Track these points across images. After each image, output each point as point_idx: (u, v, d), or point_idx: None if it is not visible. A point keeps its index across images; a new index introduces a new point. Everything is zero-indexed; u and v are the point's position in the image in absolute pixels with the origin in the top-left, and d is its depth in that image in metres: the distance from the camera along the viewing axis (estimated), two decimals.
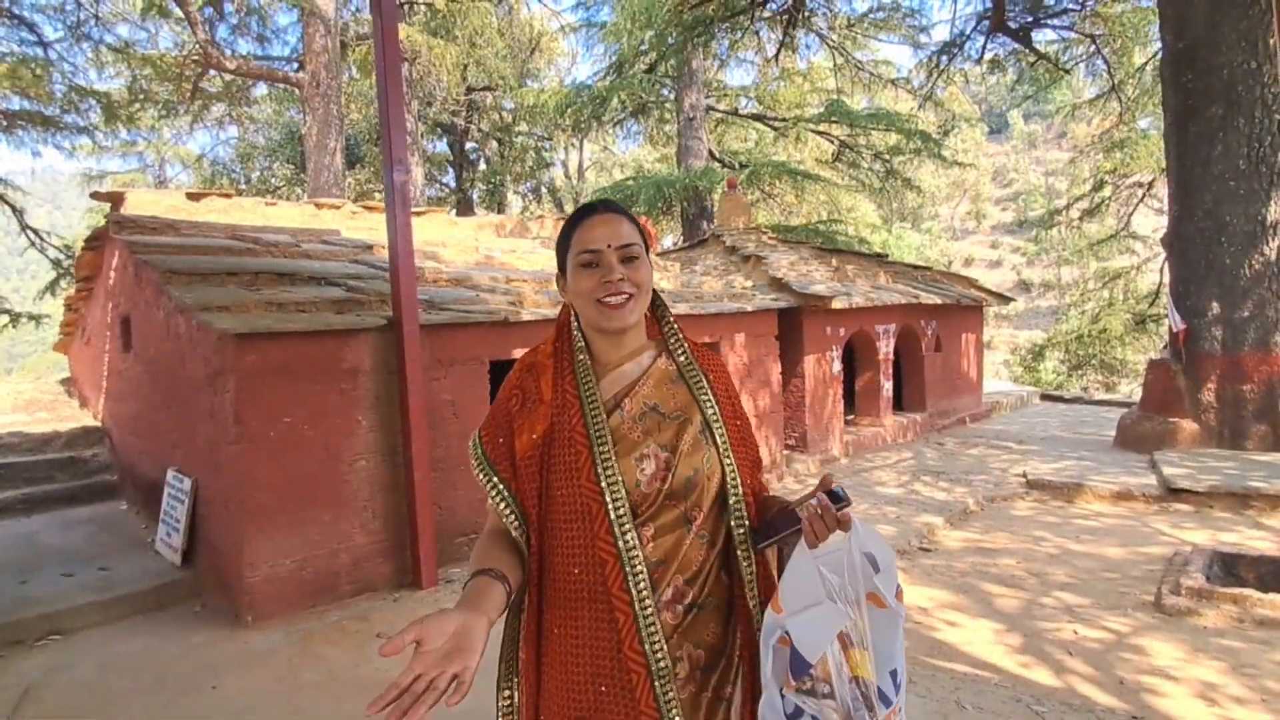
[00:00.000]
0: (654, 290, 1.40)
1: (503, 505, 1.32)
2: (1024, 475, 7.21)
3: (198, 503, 4.74)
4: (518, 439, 1.32)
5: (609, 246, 1.30)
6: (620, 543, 1.23)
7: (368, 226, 7.86)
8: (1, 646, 3.91)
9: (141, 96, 14.95)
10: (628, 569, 1.22)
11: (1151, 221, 21.40)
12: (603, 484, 1.24)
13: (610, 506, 1.24)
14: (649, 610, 1.21)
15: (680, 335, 1.45)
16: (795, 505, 1.24)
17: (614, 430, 1.29)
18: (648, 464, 1.28)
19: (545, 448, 1.30)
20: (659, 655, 1.21)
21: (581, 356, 1.35)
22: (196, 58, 13.81)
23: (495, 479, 1.34)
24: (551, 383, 1.33)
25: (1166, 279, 9.40)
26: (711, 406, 1.36)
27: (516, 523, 1.32)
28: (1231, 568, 4.51)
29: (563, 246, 1.38)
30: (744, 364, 7.35)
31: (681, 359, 1.42)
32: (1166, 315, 8.72)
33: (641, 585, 1.22)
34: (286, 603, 4.23)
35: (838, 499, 1.18)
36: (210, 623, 4.20)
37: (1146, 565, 4.82)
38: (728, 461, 1.33)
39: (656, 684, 1.21)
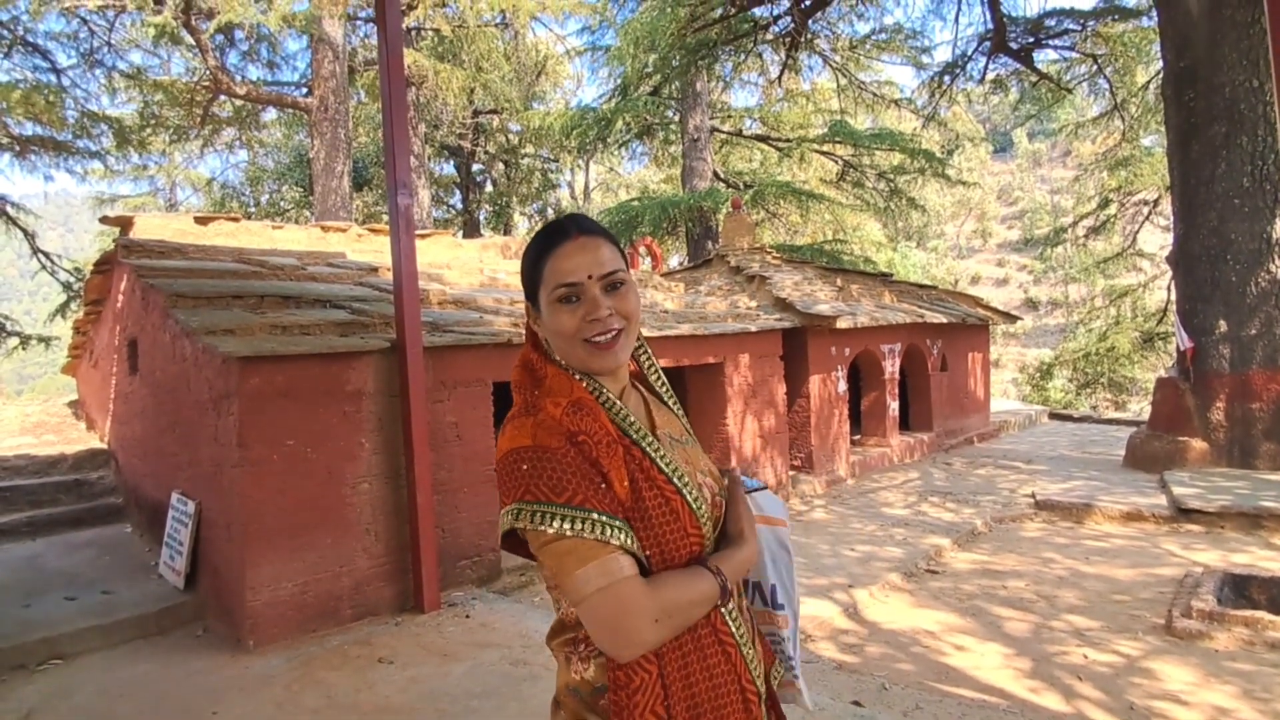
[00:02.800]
0: None
1: (638, 548, 1.07)
2: (1032, 495, 7.15)
3: (201, 526, 4.73)
4: (618, 487, 1.08)
5: (590, 278, 1.12)
6: (735, 630, 1.17)
7: (373, 249, 7.91)
8: (3, 671, 3.89)
9: (153, 121, 15.20)
10: (723, 606, 1.15)
11: (1158, 239, 21.34)
12: (705, 528, 1.14)
13: (710, 549, 1.16)
14: (746, 640, 1.18)
15: (653, 357, 1.33)
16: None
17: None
18: (705, 491, 1.20)
19: (634, 498, 1.10)
20: (761, 683, 1.19)
21: (608, 399, 1.17)
22: (207, 83, 14.04)
23: (623, 528, 1.06)
24: (609, 422, 1.13)
25: (1173, 297, 9.37)
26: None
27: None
28: (1243, 589, 4.45)
29: (532, 275, 1.18)
30: (749, 384, 7.33)
31: (655, 381, 1.32)
32: (1174, 333, 8.68)
33: (737, 618, 1.17)
34: (288, 627, 4.21)
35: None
36: (211, 647, 4.18)
37: (1157, 587, 4.76)
38: None
39: (764, 710, 1.19)
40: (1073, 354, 20.30)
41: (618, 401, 1.17)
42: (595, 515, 1.03)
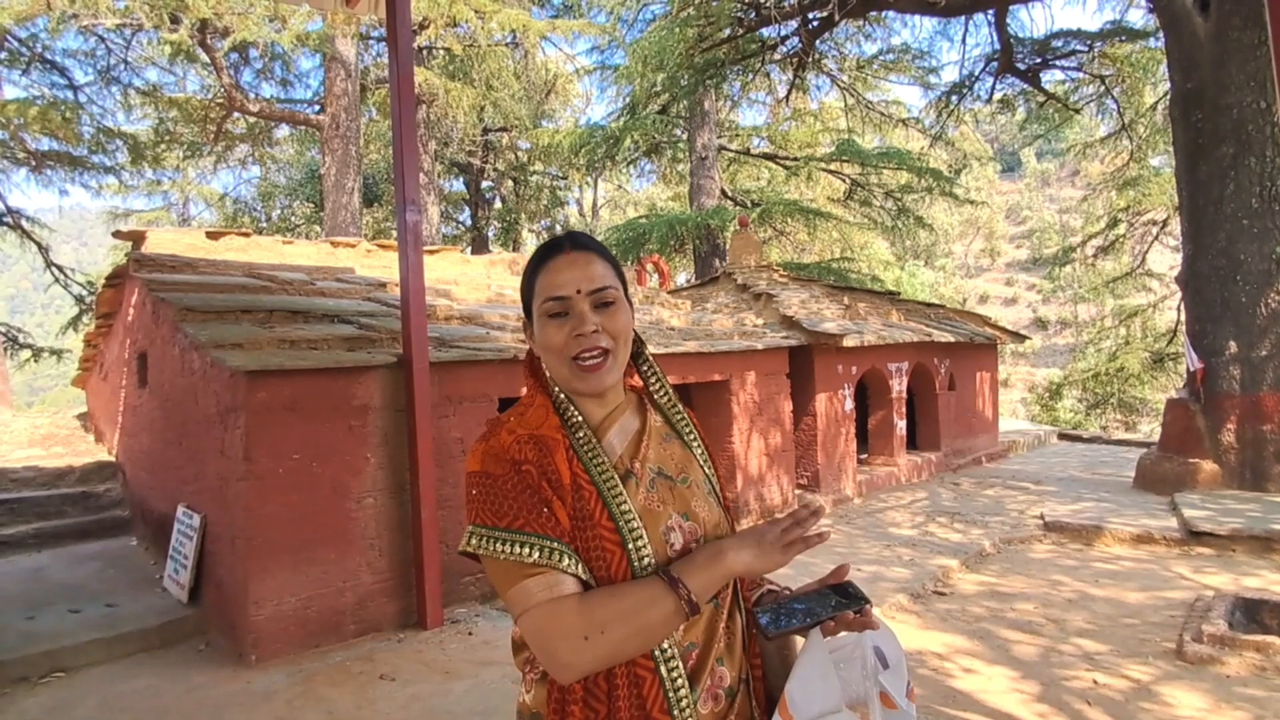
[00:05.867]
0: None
1: (581, 570, 1.06)
2: (1041, 517, 7.09)
3: (206, 539, 4.74)
4: (561, 515, 1.08)
5: (579, 292, 1.12)
6: (659, 654, 1.05)
7: (382, 264, 7.96)
8: (6, 684, 3.89)
9: (167, 137, 15.43)
10: (668, 685, 1.04)
11: (1168, 259, 21.32)
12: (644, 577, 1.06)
13: None
14: (678, 674, 1.06)
15: (663, 378, 1.27)
16: (801, 592, 1.14)
17: (634, 506, 1.10)
18: (674, 537, 1.11)
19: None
20: None
21: (583, 435, 1.14)
22: (221, 100, 14.23)
23: (562, 549, 1.05)
24: (566, 463, 1.11)
25: (1183, 317, 9.32)
26: (707, 460, 1.24)
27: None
28: (1254, 614, 4.39)
29: (527, 291, 1.19)
30: (755, 402, 7.32)
31: (665, 403, 1.26)
32: (1184, 354, 8.62)
33: (684, 702, 1.05)
34: (290, 642, 4.20)
35: (854, 598, 1.10)
36: (214, 661, 4.17)
37: (1167, 611, 4.70)
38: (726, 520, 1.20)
39: None
40: (1082, 374, 20.20)
41: (592, 437, 1.14)
42: (533, 538, 1.03)
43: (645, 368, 1.26)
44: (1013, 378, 29.26)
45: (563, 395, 1.17)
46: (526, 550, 1.03)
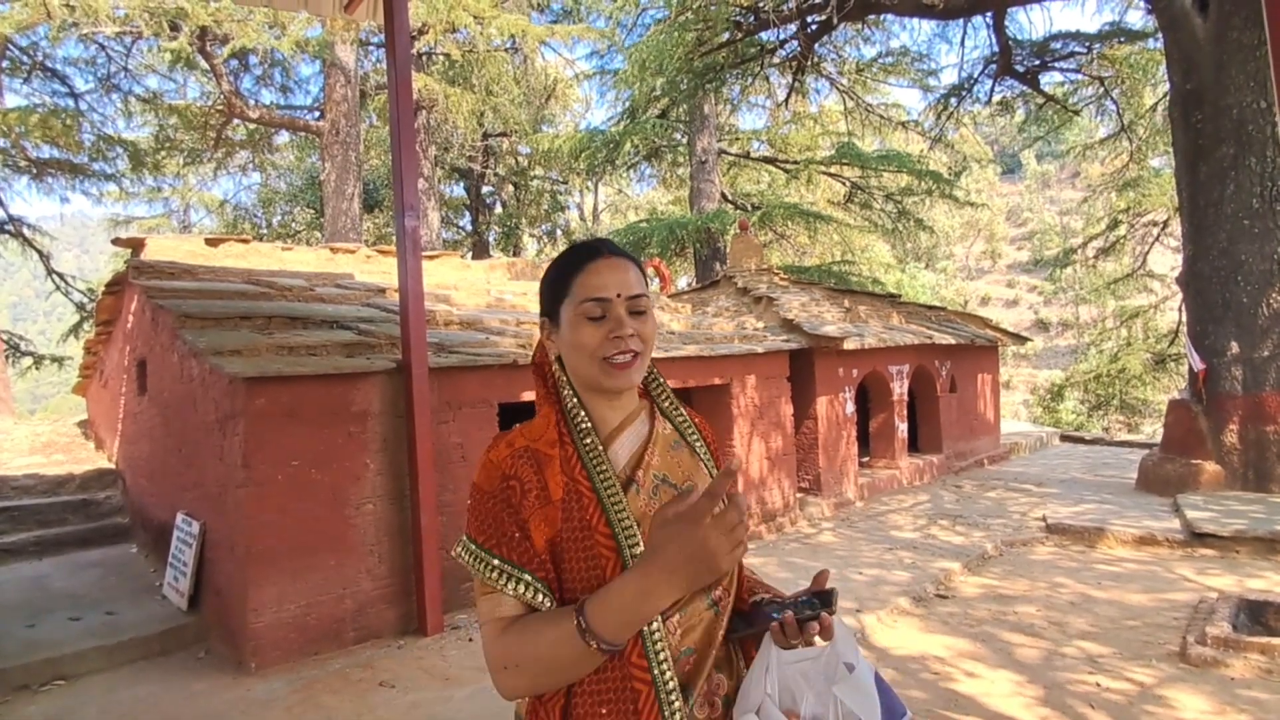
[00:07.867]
0: None
1: (547, 601, 1.08)
2: (1043, 519, 7.07)
3: (205, 546, 4.73)
4: (535, 537, 1.10)
5: (619, 296, 1.14)
6: (655, 669, 1.04)
7: (381, 270, 7.96)
8: (7, 691, 3.89)
9: (168, 144, 15.46)
10: (663, 699, 1.04)
11: (1169, 260, 21.28)
12: None
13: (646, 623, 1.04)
14: (671, 686, 1.06)
15: (665, 384, 1.30)
16: (782, 602, 1.14)
17: (633, 513, 1.11)
18: None
19: (555, 554, 1.10)
20: None
21: (589, 441, 1.15)
22: (221, 107, 14.27)
23: (529, 577, 1.07)
24: (560, 477, 1.12)
25: (1184, 318, 9.30)
26: (713, 466, 1.25)
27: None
28: (1259, 616, 4.37)
29: (557, 290, 1.19)
30: (756, 405, 7.30)
31: (678, 417, 1.28)
32: (1186, 355, 8.61)
33: (678, 716, 1.04)
34: (290, 649, 4.19)
35: (826, 602, 1.10)
36: (213, 669, 4.16)
37: (1171, 613, 4.68)
38: None
39: None
40: (1084, 375, 20.16)
41: (598, 444, 1.15)
42: (496, 560, 1.08)
43: (652, 381, 1.29)
44: (1014, 379, 29.21)
45: (573, 401, 1.18)
46: (485, 568, 1.08)
